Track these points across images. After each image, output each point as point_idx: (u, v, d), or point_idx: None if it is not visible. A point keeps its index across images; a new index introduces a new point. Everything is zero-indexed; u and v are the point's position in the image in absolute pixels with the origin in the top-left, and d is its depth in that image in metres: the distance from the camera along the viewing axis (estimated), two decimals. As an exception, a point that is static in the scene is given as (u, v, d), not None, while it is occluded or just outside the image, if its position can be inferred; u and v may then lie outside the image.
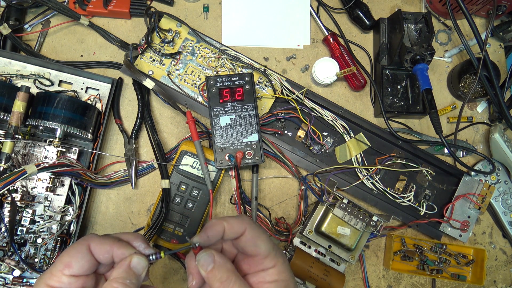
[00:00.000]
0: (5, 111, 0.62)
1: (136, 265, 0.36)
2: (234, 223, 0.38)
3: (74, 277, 0.36)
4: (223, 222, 0.38)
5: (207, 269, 0.36)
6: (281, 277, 0.38)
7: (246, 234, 0.38)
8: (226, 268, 0.36)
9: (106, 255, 0.37)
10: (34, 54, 0.71)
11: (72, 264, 0.36)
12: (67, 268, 0.36)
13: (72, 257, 0.36)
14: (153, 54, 0.71)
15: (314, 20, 0.78)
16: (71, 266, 0.36)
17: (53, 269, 0.36)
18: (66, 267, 0.36)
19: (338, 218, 0.67)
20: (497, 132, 0.74)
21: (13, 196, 0.61)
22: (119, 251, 0.37)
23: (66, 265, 0.36)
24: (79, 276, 0.36)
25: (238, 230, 0.38)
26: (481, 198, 0.72)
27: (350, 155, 0.72)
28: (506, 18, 0.81)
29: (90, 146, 0.69)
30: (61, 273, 0.35)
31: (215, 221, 0.38)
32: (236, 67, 0.72)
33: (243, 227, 0.38)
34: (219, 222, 0.38)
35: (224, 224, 0.37)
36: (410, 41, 0.73)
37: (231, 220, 0.38)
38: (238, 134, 0.66)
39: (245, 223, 0.38)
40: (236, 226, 0.38)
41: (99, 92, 0.70)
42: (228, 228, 0.38)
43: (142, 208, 0.71)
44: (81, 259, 0.36)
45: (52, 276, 0.35)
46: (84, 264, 0.36)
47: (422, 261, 0.72)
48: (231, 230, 0.38)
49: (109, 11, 0.73)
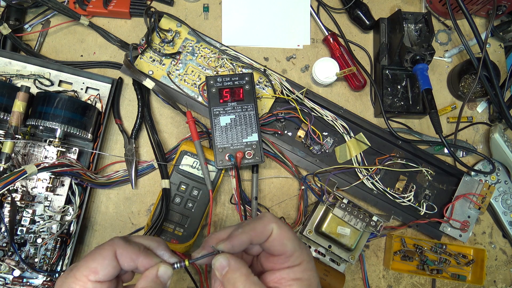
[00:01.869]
0: (5, 111, 0.62)
1: (163, 275, 0.37)
2: (260, 228, 0.37)
3: (99, 283, 0.36)
4: (250, 233, 0.37)
5: (222, 273, 0.36)
6: (305, 276, 0.38)
7: (272, 235, 0.38)
8: (241, 272, 0.36)
9: (131, 263, 0.37)
10: (34, 54, 0.71)
11: (99, 270, 0.36)
12: (92, 274, 0.35)
13: (99, 263, 0.36)
14: (153, 54, 0.71)
15: (314, 20, 0.78)
16: (97, 272, 0.35)
17: (77, 273, 0.35)
18: (92, 272, 0.35)
19: (338, 218, 0.67)
20: (497, 132, 0.74)
21: (13, 196, 0.61)
22: (145, 260, 0.37)
23: (92, 271, 0.35)
24: (104, 282, 0.36)
25: (265, 234, 0.38)
26: (481, 198, 0.72)
27: (350, 155, 0.72)
28: (506, 18, 0.81)
29: (90, 146, 0.69)
30: (86, 278, 0.35)
31: (243, 230, 0.37)
32: (236, 67, 0.72)
33: (269, 229, 0.38)
34: (246, 231, 0.37)
35: (250, 233, 0.37)
36: (410, 41, 0.73)
37: (256, 225, 0.38)
38: (238, 134, 0.66)
39: (271, 225, 0.38)
40: (262, 230, 0.37)
41: (99, 92, 0.70)
42: (255, 235, 0.37)
43: (142, 208, 0.71)
44: (107, 265, 0.36)
45: (77, 281, 0.35)
46: (110, 271, 0.36)
47: (422, 261, 0.72)
48: (258, 236, 0.37)
49: (109, 11, 0.73)
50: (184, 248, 0.66)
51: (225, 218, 0.72)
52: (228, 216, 0.72)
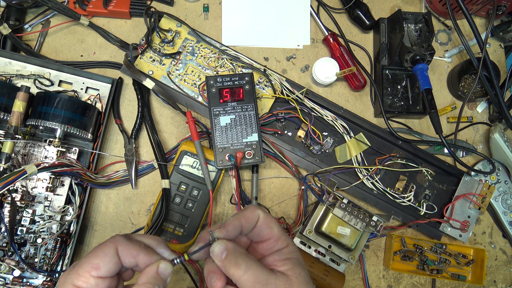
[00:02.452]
0: (5, 111, 0.62)
1: (163, 271, 0.38)
2: (248, 214, 0.41)
3: (101, 279, 0.37)
4: (240, 218, 0.40)
5: (221, 258, 0.38)
6: (293, 255, 0.41)
7: (260, 220, 0.41)
8: (239, 252, 0.38)
9: (132, 259, 0.38)
10: (34, 54, 0.71)
11: (100, 266, 0.37)
12: (94, 270, 0.36)
13: (101, 259, 0.37)
14: (153, 54, 0.71)
15: (314, 20, 0.78)
16: (99, 268, 0.36)
17: (80, 270, 0.36)
18: (94, 268, 0.36)
19: (338, 218, 0.67)
20: (497, 132, 0.74)
21: (13, 196, 0.61)
22: (145, 257, 0.38)
23: (94, 267, 0.36)
24: (106, 277, 0.37)
25: (253, 219, 0.41)
26: (481, 198, 0.72)
27: (350, 155, 0.72)
28: (506, 18, 0.81)
29: (90, 146, 0.69)
30: (88, 274, 0.36)
31: (232, 218, 0.40)
32: (236, 67, 0.72)
33: (256, 215, 0.41)
34: (236, 217, 0.40)
35: (241, 219, 0.40)
36: (410, 41, 0.73)
37: (244, 213, 0.41)
38: (238, 134, 0.66)
39: (257, 211, 0.41)
40: (251, 216, 0.41)
41: (99, 92, 0.70)
42: (245, 221, 0.40)
43: (142, 208, 0.71)
44: (109, 261, 0.37)
45: (79, 277, 0.36)
46: (112, 267, 0.37)
47: (422, 261, 0.72)
48: (248, 222, 0.41)
49: (109, 11, 0.73)
50: (184, 248, 0.66)
51: (225, 218, 0.72)
52: (228, 216, 0.72)
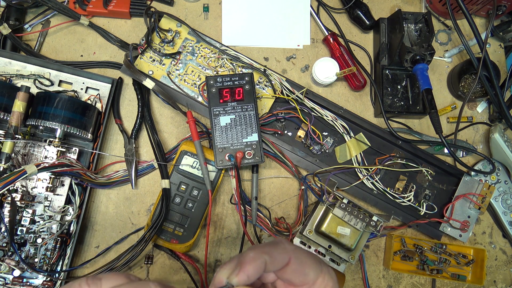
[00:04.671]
0: (5, 111, 0.62)
1: None
2: (277, 255, 0.32)
3: None
4: (264, 256, 0.31)
5: None
6: None
7: (291, 264, 0.33)
8: None
9: None
10: (34, 54, 0.71)
11: None
12: None
13: None
14: (153, 54, 0.71)
15: (314, 20, 0.78)
16: None
17: None
18: None
19: (338, 218, 0.67)
20: (497, 132, 0.74)
21: (13, 196, 0.61)
22: None
23: None
24: None
25: (282, 262, 0.32)
26: (481, 198, 0.72)
27: (350, 155, 0.72)
28: (506, 18, 0.81)
29: (90, 146, 0.69)
30: None
31: (254, 254, 0.31)
32: (236, 67, 0.72)
33: (287, 257, 0.32)
34: (259, 256, 0.31)
35: (265, 258, 0.31)
36: (410, 41, 0.73)
37: (272, 251, 0.32)
38: (238, 134, 0.66)
39: (289, 252, 0.33)
40: (279, 257, 0.32)
41: (99, 92, 0.70)
42: (270, 262, 0.31)
43: (142, 208, 0.71)
44: None
45: None
46: None
47: (422, 261, 0.72)
48: (274, 264, 0.32)
49: (109, 11, 0.73)
50: (184, 248, 0.66)
51: (225, 218, 0.72)
52: (228, 216, 0.72)
